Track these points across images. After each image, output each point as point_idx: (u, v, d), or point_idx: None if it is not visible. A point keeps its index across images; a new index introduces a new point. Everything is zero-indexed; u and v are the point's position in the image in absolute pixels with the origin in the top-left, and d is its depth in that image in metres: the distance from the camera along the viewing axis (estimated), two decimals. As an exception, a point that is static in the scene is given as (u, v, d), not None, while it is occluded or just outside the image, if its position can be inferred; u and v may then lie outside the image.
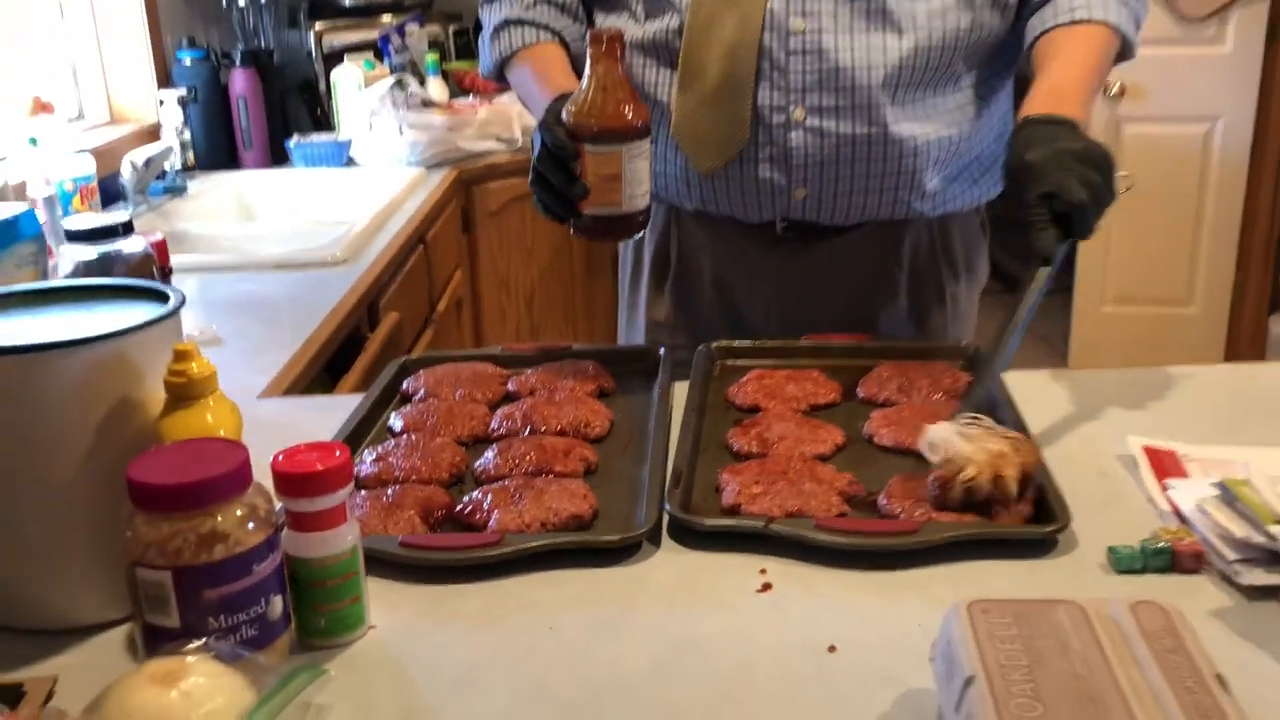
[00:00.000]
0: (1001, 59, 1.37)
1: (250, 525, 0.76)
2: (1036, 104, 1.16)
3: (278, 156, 2.77)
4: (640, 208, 1.20)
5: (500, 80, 1.45)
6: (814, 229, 1.38)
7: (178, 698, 0.67)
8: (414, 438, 1.12)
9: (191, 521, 0.75)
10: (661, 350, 1.31)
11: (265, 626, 0.78)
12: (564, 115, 1.17)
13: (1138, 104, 3.68)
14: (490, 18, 1.43)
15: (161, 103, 2.56)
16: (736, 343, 1.34)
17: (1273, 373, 1.41)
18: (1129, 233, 3.74)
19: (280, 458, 0.81)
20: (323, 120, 2.95)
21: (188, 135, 2.54)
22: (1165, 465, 1.04)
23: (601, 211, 1.19)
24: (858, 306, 1.43)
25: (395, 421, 1.19)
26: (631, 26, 1.35)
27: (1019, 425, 1.05)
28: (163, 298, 0.90)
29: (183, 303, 0.89)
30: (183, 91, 2.57)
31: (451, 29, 3.36)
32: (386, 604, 0.87)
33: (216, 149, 2.69)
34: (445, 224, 2.56)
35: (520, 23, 1.40)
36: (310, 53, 2.96)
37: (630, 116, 1.16)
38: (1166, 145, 3.67)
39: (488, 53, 1.43)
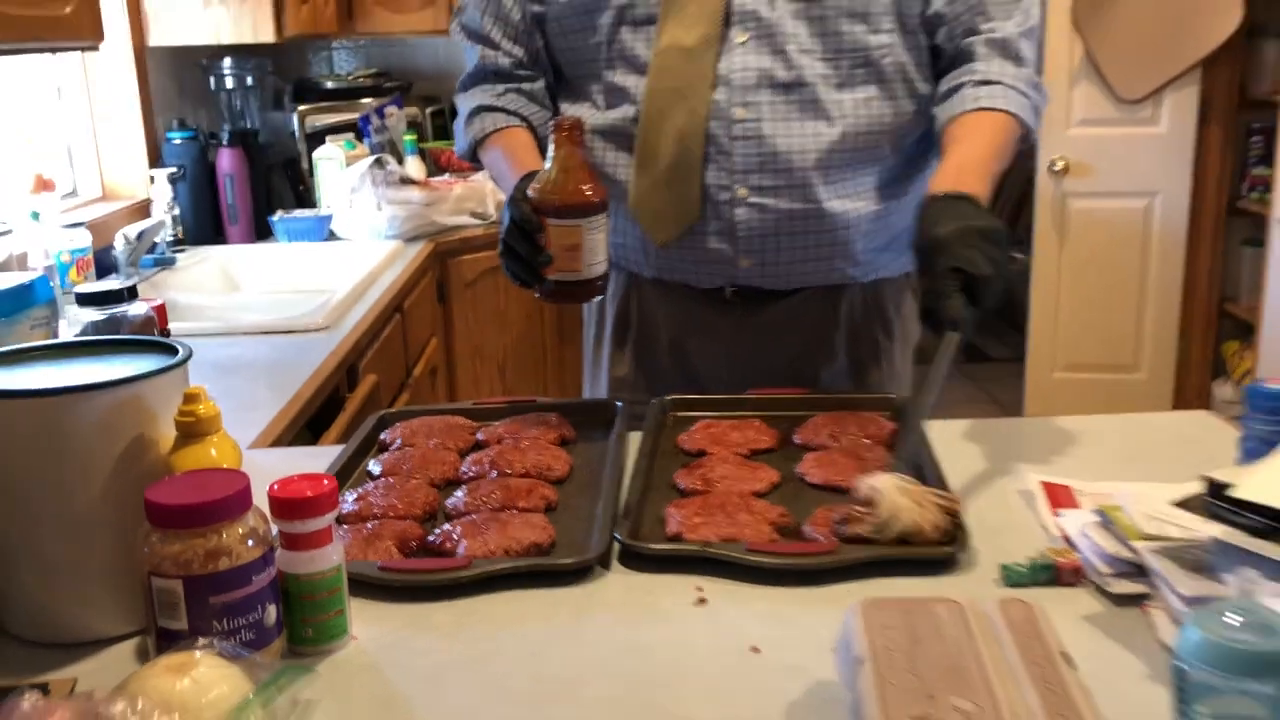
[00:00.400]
0: (924, 141, 1.52)
1: (250, 543, 0.88)
2: (942, 181, 1.31)
3: (261, 231, 2.91)
4: (599, 274, 1.34)
5: (474, 161, 1.60)
6: (759, 294, 1.52)
7: (189, 684, 0.78)
8: (391, 480, 1.24)
9: (200, 538, 0.86)
10: (619, 403, 1.44)
11: (261, 631, 0.89)
12: (530, 192, 1.32)
13: (1082, 180, 3.89)
14: (465, 104, 1.58)
15: (153, 180, 2.70)
16: (687, 396, 1.47)
17: (1165, 421, 1.55)
18: (1077, 302, 3.93)
19: (276, 486, 0.93)
20: (305, 197, 3.10)
21: (177, 211, 2.68)
22: (1060, 498, 1.17)
23: (564, 278, 1.33)
24: (801, 364, 1.57)
25: (374, 467, 1.31)
26: (593, 114, 1.50)
27: (941, 482, 1.17)
28: (171, 350, 1.03)
29: (190, 355, 1.02)
30: (173, 170, 2.72)
31: (429, 111, 3.54)
32: (367, 619, 0.98)
33: (203, 224, 2.83)
34: (421, 294, 2.70)
35: (492, 109, 1.55)
36: (294, 133, 3.13)
37: (589, 194, 1.31)
38: (1109, 219, 3.87)
39: (462, 135, 1.58)
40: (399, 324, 2.43)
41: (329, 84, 3.40)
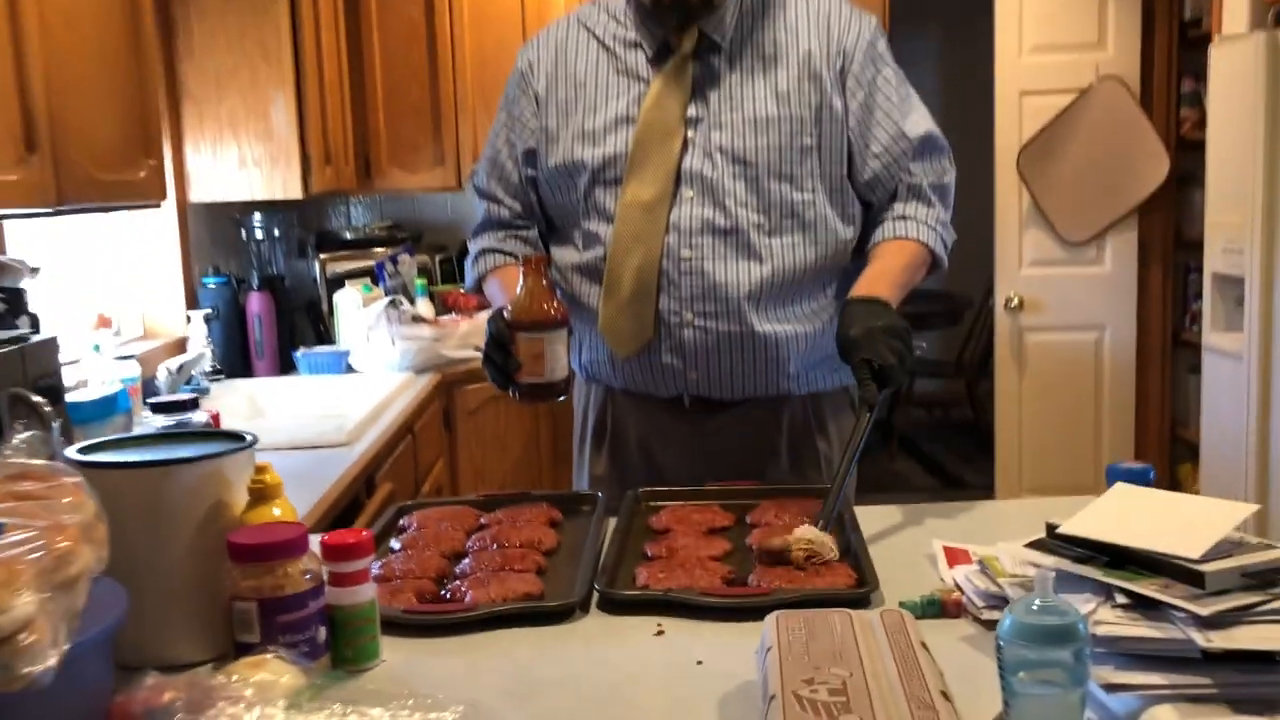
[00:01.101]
0: (847, 274, 1.83)
1: (306, 576, 1.15)
2: (858, 289, 1.64)
3: (285, 365, 3.21)
4: (560, 378, 1.64)
5: (479, 292, 1.92)
6: (711, 402, 1.81)
7: (264, 674, 1.04)
8: (409, 552, 1.51)
9: (269, 572, 1.13)
10: (599, 494, 1.71)
11: (314, 647, 1.15)
12: (504, 313, 1.63)
13: (1035, 316, 4.22)
14: (474, 247, 1.92)
15: (189, 320, 3.02)
16: (656, 488, 1.75)
17: (1062, 504, 1.81)
18: (1039, 429, 4.21)
19: (326, 536, 1.20)
20: (325, 334, 3.42)
21: (212, 348, 2.99)
22: (957, 557, 1.44)
23: (531, 380, 1.63)
24: (749, 463, 1.84)
25: (395, 544, 1.57)
26: (573, 254, 1.82)
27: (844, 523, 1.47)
28: (239, 438, 1.31)
29: (256, 440, 1.30)
30: (207, 311, 3.04)
31: (438, 258, 3.90)
32: (393, 650, 1.24)
33: (233, 359, 3.13)
34: (430, 419, 2.99)
35: (494, 251, 1.88)
36: (316, 279, 3.47)
37: (550, 313, 1.61)
38: (1063, 351, 4.20)
39: (470, 271, 1.91)
40: (410, 444, 2.71)
41: (347, 234, 3.77)
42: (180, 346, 3.01)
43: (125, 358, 2.52)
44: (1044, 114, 4.19)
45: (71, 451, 1.23)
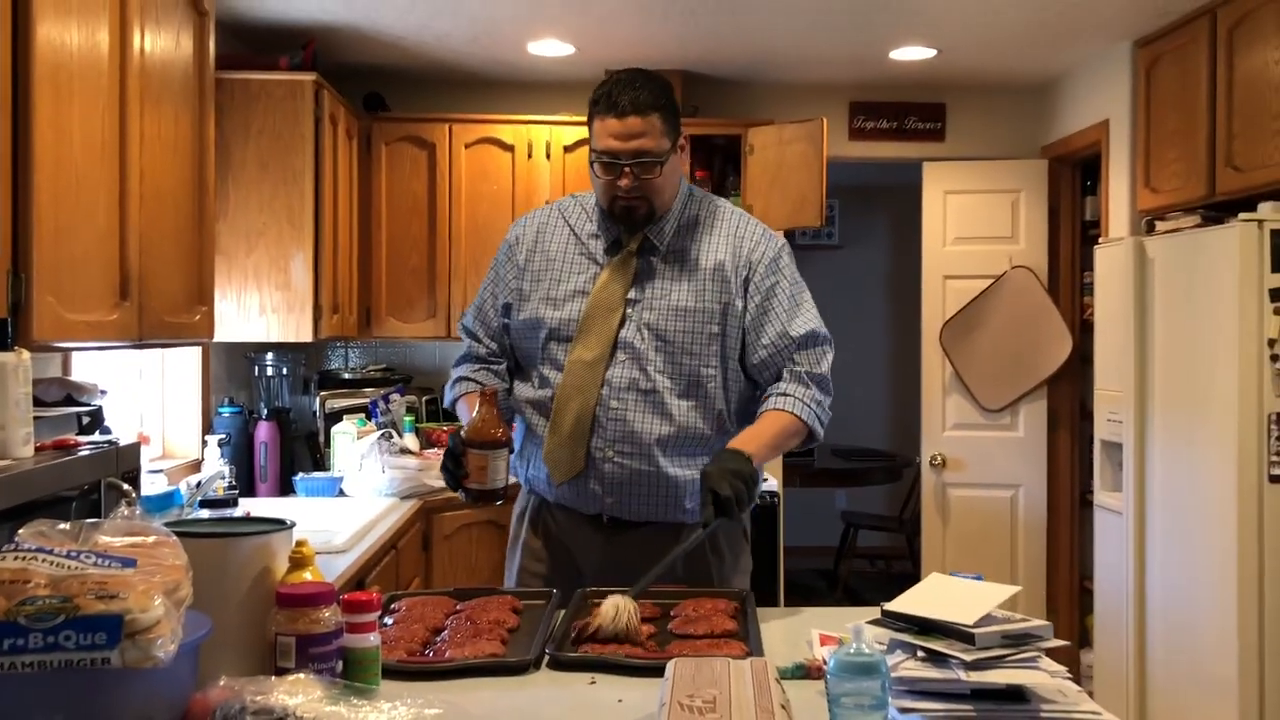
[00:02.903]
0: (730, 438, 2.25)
1: (332, 622, 1.56)
2: (731, 443, 2.09)
3: (285, 488, 3.62)
4: (499, 487, 2.06)
5: (453, 409, 2.37)
6: (624, 523, 2.24)
7: (299, 687, 1.44)
8: (400, 625, 1.91)
9: (304, 615, 1.54)
10: (554, 590, 2.13)
11: (334, 676, 1.55)
12: (462, 433, 2.07)
13: (957, 474, 4.69)
14: (455, 373, 2.38)
15: (205, 443, 3.44)
16: (599, 588, 2.16)
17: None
18: (963, 577, 4.62)
19: (345, 596, 1.62)
20: (320, 462, 3.84)
21: (230, 468, 3.40)
22: (828, 641, 1.86)
23: (477, 487, 2.06)
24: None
25: (388, 620, 1.98)
26: (530, 391, 2.27)
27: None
28: (281, 523, 1.73)
29: (295, 524, 1.72)
30: (221, 436, 3.46)
31: (425, 399, 4.37)
32: (388, 688, 1.64)
33: (240, 480, 3.54)
34: (410, 540, 3.39)
35: (469, 379, 2.34)
36: (316, 412, 3.91)
37: (496, 436, 2.05)
38: (981, 506, 4.65)
39: (450, 392, 2.37)
40: (394, 558, 3.11)
41: (346, 375, 4.24)
42: (195, 467, 3.42)
43: (155, 471, 2.93)
44: (964, 295, 4.75)
45: (161, 523, 1.65)
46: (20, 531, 1.34)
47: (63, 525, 1.37)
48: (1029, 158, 4.84)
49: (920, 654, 1.51)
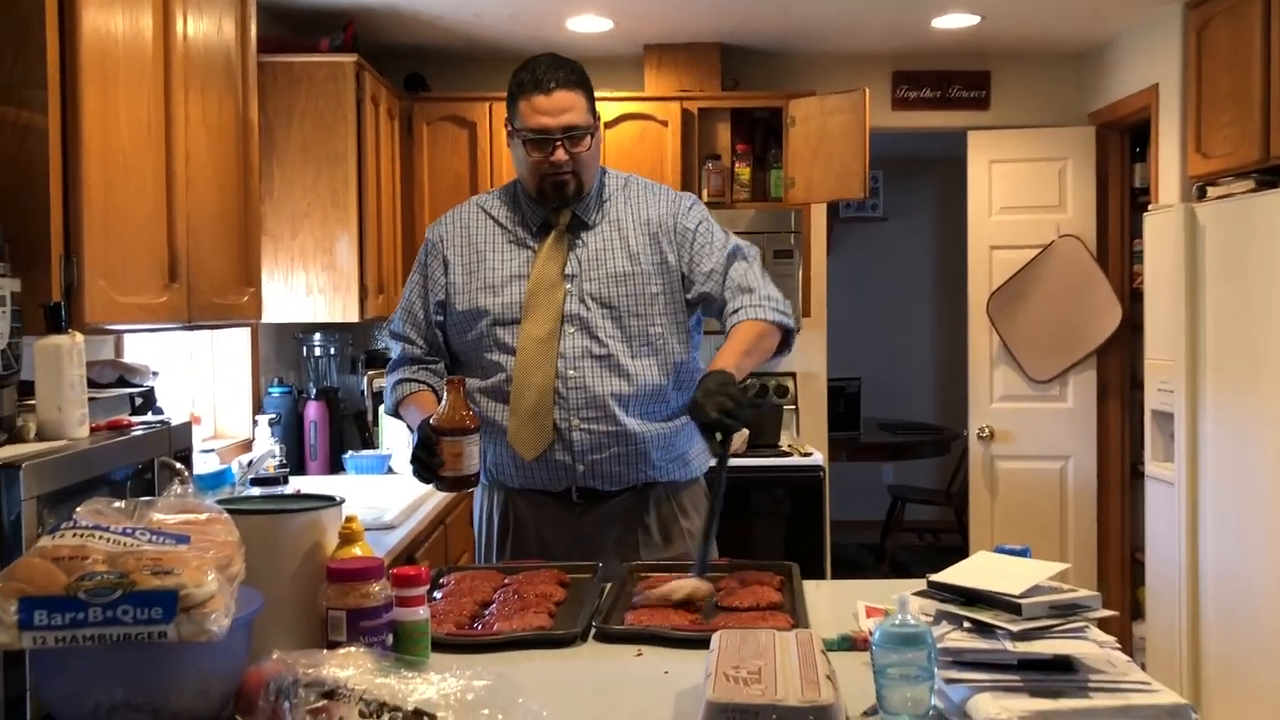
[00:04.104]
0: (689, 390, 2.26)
1: (381, 595, 1.58)
2: (711, 365, 2.10)
3: (335, 466, 3.67)
4: (474, 472, 2.07)
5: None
6: (594, 493, 2.27)
7: (353, 660, 1.46)
8: (449, 600, 1.94)
9: (355, 589, 1.56)
10: (600, 564, 2.14)
11: (384, 649, 1.57)
12: (431, 422, 2.07)
13: (1005, 446, 4.65)
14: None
15: (255, 423, 3.49)
16: (644, 562, 2.17)
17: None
18: (1011, 550, 4.58)
19: (395, 570, 1.64)
20: (369, 440, 3.89)
21: (281, 446, 3.45)
22: (874, 613, 1.86)
23: (452, 474, 2.05)
24: (627, 542, 2.30)
25: (437, 594, 2.00)
26: (477, 381, 2.29)
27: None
28: (331, 499, 1.76)
29: (344, 500, 1.75)
30: (271, 416, 3.52)
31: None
32: (438, 660, 1.66)
33: (291, 459, 3.59)
34: (458, 516, 3.42)
35: (408, 380, 2.36)
36: (363, 392, 3.95)
37: (467, 422, 2.05)
38: (1030, 478, 4.61)
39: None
40: (442, 534, 3.14)
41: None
42: (246, 446, 3.47)
43: (206, 451, 2.98)
44: (1011, 266, 4.70)
45: (213, 501, 1.68)
46: (78, 510, 1.37)
47: (118, 503, 1.40)
48: (1076, 125, 4.76)
49: (966, 625, 1.50)
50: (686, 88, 4.52)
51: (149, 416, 2.03)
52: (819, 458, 4.17)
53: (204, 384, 3.57)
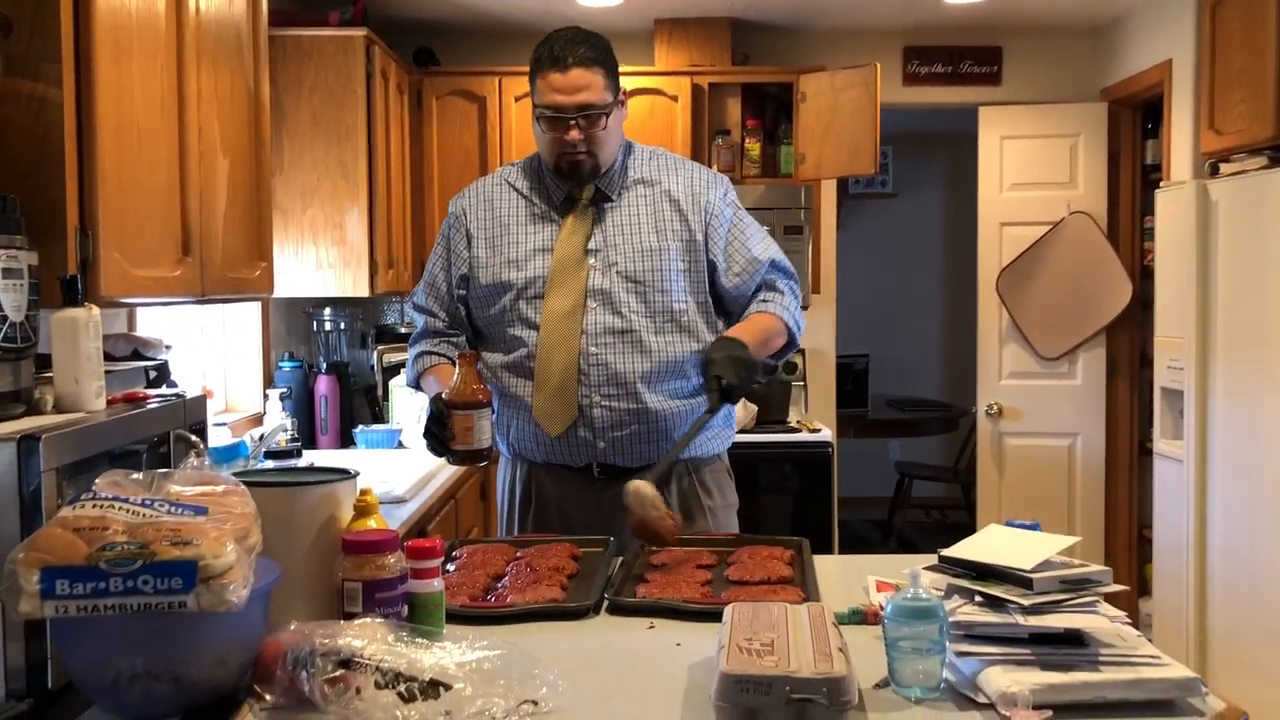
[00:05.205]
0: None
1: (397, 567, 1.59)
2: (725, 333, 2.14)
3: (345, 440, 3.68)
4: (486, 446, 2.07)
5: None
6: (615, 470, 2.26)
7: (368, 630, 1.48)
8: (462, 572, 1.95)
9: (370, 561, 1.57)
10: (611, 538, 2.15)
11: (399, 620, 1.58)
12: (443, 395, 2.08)
13: (1013, 423, 4.65)
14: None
15: (266, 397, 3.51)
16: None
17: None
18: (1019, 526, 4.60)
19: (409, 542, 1.65)
20: (379, 415, 3.90)
21: (292, 420, 3.47)
22: (885, 587, 1.87)
23: (463, 448, 2.06)
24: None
25: (450, 567, 2.01)
26: (500, 356, 2.30)
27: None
28: (346, 472, 1.77)
29: (359, 473, 1.76)
30: (282, 390, 3.53)
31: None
32: (452, 631, 1.67)
33: (301, 433, 3.60)
34: (469, 490, 3.44)
35: (430, 353, 2.37)
36: (374, 366, 3.96)
37: (478, 396, 2.06)
38: (1038, 455, 4.61)
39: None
40: (453, 508, 3.16)
41: (402, 329, 4.28)
42: (257, 420, 3.49)
43: (219, 425, 3.00)
44: (1021, 243, 4.68)
45: (229, 473, 1.70)
46: (97, 481, 1.38)
47: (136, 475, 1.42)
48: (1088, 101, 4.73)
49: (978, 599, 1.51)
50: (697, 62, 4.50)
51: (164, 390, 2.04)
52: (827, 434, 4.18)
53: (215, 358, 3.59)
